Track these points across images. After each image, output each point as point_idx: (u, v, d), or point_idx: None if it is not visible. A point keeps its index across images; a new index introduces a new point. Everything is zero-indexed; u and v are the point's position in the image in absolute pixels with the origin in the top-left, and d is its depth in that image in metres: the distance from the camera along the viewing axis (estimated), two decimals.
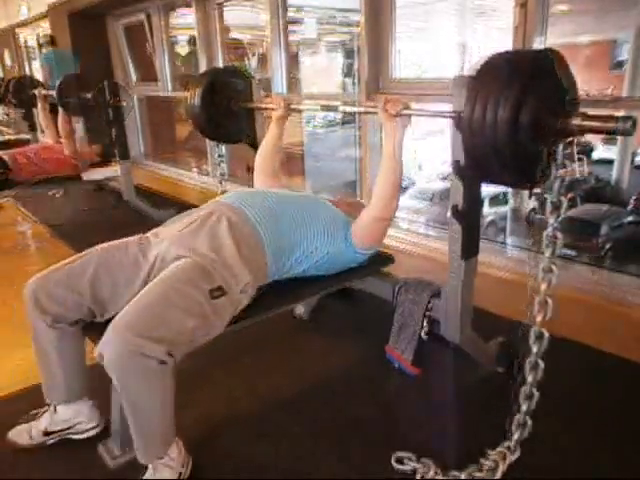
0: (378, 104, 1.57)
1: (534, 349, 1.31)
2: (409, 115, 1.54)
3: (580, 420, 1.56)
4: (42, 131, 4.53)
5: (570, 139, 1.12)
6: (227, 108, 2.15)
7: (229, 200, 1.59)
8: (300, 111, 2.15)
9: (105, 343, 1.18)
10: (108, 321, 1.26)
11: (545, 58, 1.10)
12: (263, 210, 1.55)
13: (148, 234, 1.55)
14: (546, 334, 1.29)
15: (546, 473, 1.38)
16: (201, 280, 1.33)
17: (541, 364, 1.32)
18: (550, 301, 1.23)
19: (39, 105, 4.03)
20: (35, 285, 1.40)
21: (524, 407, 1.34)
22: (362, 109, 1.67)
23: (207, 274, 1.35)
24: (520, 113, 1.03)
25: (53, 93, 3.76)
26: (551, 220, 1.21)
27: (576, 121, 1.08)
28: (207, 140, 3.08)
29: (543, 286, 1.24)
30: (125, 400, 1.23)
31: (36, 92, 4.04)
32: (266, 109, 2.06)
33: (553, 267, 1.23)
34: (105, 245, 1.49)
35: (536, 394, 1.33)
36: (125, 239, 1.52)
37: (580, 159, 1.14)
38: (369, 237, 1.65)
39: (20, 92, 4.27)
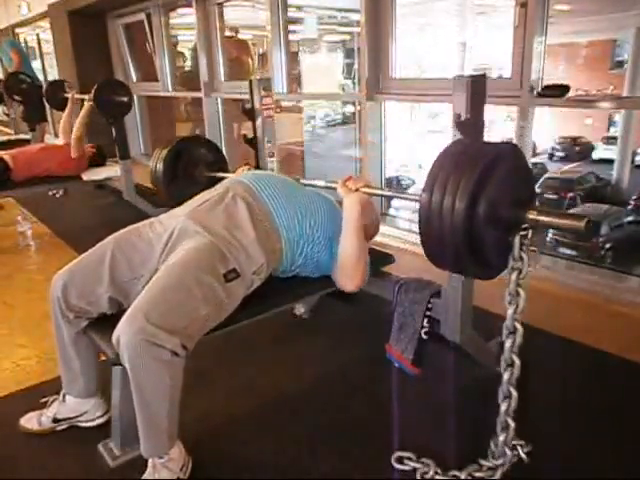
0: (339, 180, 1.59)
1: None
2: (369, 194, 1.55)
3: (580, 420, 1.56)
4: (56, 134, 4.52)
5: (525, 232, 1.13)
6: (192, 177, 2.18)
7: (246, 180, 1.59)
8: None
9: (121, 329, 1.20)
10: (120, 313, 1.27)
11: (504, 150, 1.11)
12: (279, 194, 1.55)
13: (160, 216, 1.56)
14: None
15: (546, 473, 1.38)
16: (216, 263, 1.35)
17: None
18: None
19: (68, 108, 3.97)
20: (65, 279, 1.41)
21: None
22: (322, 183, 1.68)
23: (222, 256, 1.37)
24: (477, 204, 1.03)
25: (86, 96, 3.73)
26: (509, 311, 1.20)
27: (532, 215, 1.10)
28: None
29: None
30: (135, 389, 1.23)
31: (69, 95, 4.00)
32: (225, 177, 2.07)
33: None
34: (118, 233, 1.51)
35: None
36: (140, 223, 1.54)
37: (533, 251, 1.15)
38: (343, 284, 1.60)
39: (55, 95, 4.23)
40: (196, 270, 1.32)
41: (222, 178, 2.15)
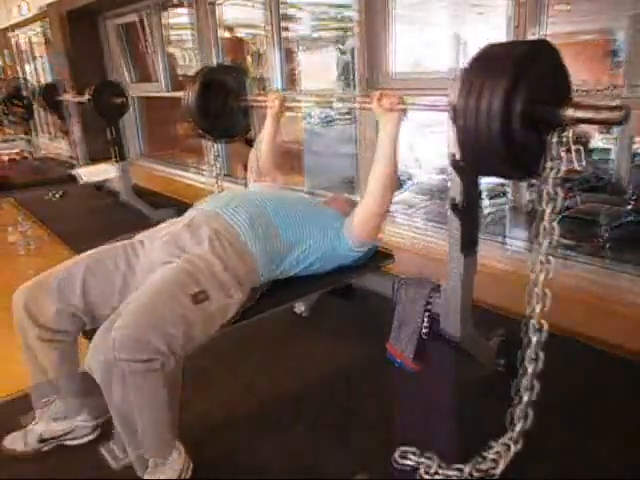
0: (372, 99, 1.55)
1: (534, 340, 1.29)
2: (404, 109, 1.53)
3: (580, 420, 1.56)
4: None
5: (564, 129, 1.10)
6: (223, 105, 2.18)
7: (210, 207, 1.57)
8: (296, 108, 2.14)
9: (93, 349, 1.23)
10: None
11: (538, 48, 1.09)
12: (248, 214, 1.52)
13: (134, 240, 1.53)
14: (545, 325, 1.27)
15: (546, 473, 1.37)
16: (187, 285, 1.32)
17: (541, 355, 1.30)
18: (549, 292, 1.20)
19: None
20: (26, 296, 1.38)
21: (525, 398, 1.32)
22: (357, 105, 1.63)
23: (192, 278, 1.34)
24: (512, 103, 1.02)
25: (82, 99, 3.72)
26: (548, 210, 1.18)
27: (569, 111, 1.07)
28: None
29: (541, 277, 1.23)
30: (112, 405, 1.24)
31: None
32: (261, 106, 2.07)
33: (550, 258, 1.21)
34: (92, 253, 1.47)
35: (537, 385, 1.32)
36: (112, 246, 1.51)
37: (577, 150, 1.12)
38: (364, 233, 1.63)
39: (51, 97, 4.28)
40: (167, 294, 1.29)
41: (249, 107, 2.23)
